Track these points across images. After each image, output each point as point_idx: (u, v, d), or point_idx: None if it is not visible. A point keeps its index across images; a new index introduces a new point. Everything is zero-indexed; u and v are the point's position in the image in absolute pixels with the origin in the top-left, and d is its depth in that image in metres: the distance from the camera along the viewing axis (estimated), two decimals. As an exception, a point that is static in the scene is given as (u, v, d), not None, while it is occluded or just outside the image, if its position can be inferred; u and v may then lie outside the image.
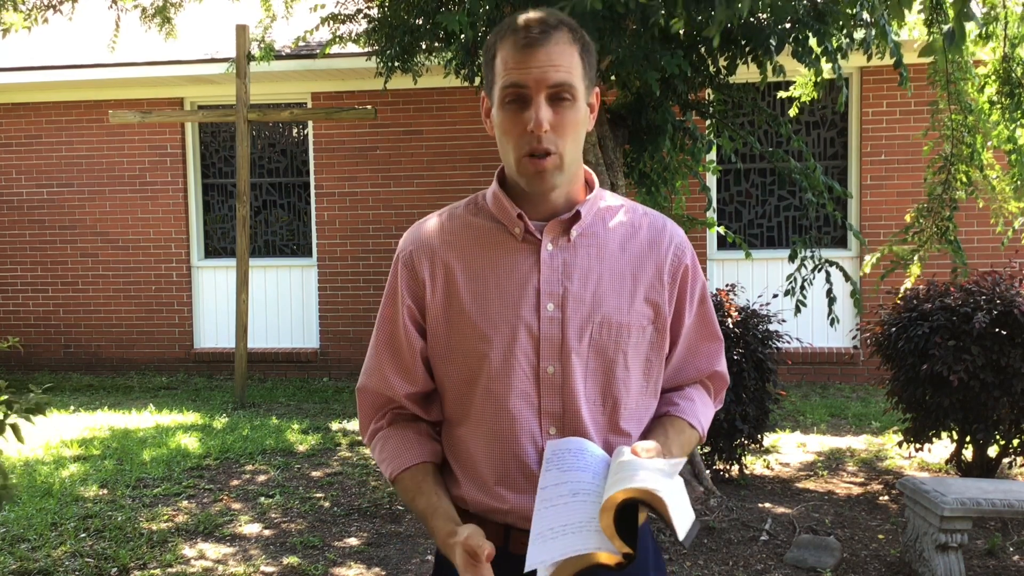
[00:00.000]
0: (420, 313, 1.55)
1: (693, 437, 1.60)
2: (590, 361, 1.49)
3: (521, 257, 1.51)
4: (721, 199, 8.62)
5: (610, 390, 1.50)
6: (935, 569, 3.78)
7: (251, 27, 7.82)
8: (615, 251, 1.53)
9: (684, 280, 1.56)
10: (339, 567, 4.14)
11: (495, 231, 1.53)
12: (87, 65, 8.87)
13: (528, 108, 1.42)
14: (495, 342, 1.48)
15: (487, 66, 1.49)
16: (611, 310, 1.50)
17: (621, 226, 1.56)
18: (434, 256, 1.54)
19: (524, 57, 1.42)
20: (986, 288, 4.78)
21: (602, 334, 1.49)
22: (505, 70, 1.44)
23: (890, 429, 6.13)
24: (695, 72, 4.86)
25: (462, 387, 1.52)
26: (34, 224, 9.54)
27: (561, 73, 1.42)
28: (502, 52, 1.45)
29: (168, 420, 7.07)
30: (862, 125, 8.25)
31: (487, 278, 1.51)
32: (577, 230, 1.52)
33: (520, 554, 1.42)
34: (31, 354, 9.53)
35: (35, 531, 4.53)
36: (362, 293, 9.03)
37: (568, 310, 1.48)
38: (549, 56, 1.42)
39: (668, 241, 1.56)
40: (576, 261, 1.51)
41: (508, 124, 1.45)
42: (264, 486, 5.32)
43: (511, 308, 1.49)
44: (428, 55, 5.91)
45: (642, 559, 1.55)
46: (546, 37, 1.42)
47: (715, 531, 4.43)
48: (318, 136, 9.03)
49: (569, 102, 1.44)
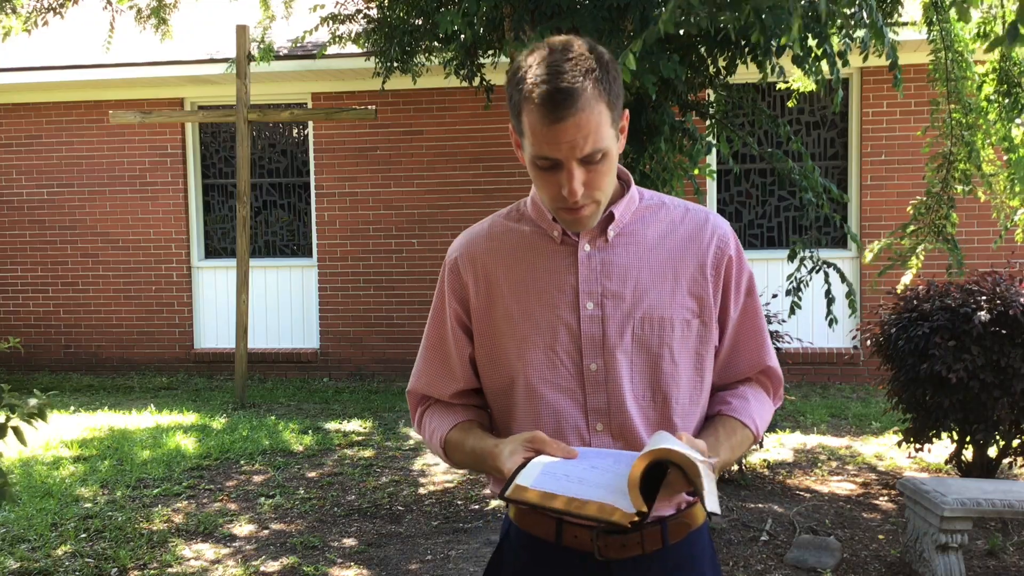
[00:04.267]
0: (466, 316, 1.59)
1: (747, 437, 1.58)
2: (635, 357, 1.50)
3: (559, 259, 1.54)
4: (721, 199, 8.62)
5: (659, 385, 1.51)
6: (935, 569, 3.78)
7: (251, 27, 7.83)
8: (654, 247, 1.54)
9: (728, 271, 1.56)
10: (338, 567, 4.14)
11: (535, 235, 1.57)
12: (87, 65, 8.87)
13: (561, 171, 1.41)
14: (537, 342, 1.51)
15: (512, 108, 1.45)
16: (652, 305, 1.51)
17: (660, 222, 1.57)
18: (476, 261, 1.58)
19: (552, 133, 1.38)
20: (986, 288, 4.77)
21: (644, 329, 1.50)
22: (534, 139, 1.41)
23: (890, 429, 6.12)
24: (695, 72, 4.86)
25: (507, 388, 1.56)
26: (34, 224, 9.54)
27: (590, 142, 1.39)
28: (528, 117, 1.41)
29: (168, 420, 7.07)
30: (862, 125, 8.24)
31: (527, 280, 1.54)
32: (614, 230, 1.54)
33: (573, 547, 1.48)
34: (31, 354, 9.54)
35: (35, 531, 4.53)
36: (362, 293, 9.03)
37: (607, 308, 1.50)
38: (578, 127, 1.37)
39: (710, 233, 1.56)
40: (614, 260, 1.53)
41: (542, 182, 1.46)
42: (264, 486, 5.32)
43: (550, 308, 1.52)
44: (428, 55, 5.92)
45: (699, 556, 1.58)
46: (572, 108, 1.36)
47: (715, 531, 4.43)
48: (318, 136, 9.03)
49: (603, 157, 1.43)
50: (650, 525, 1.50)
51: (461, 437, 1.56)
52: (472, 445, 1.53)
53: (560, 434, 1.50)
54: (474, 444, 1.53)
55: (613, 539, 1.50)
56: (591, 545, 1.48)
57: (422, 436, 1.68)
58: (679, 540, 1.55)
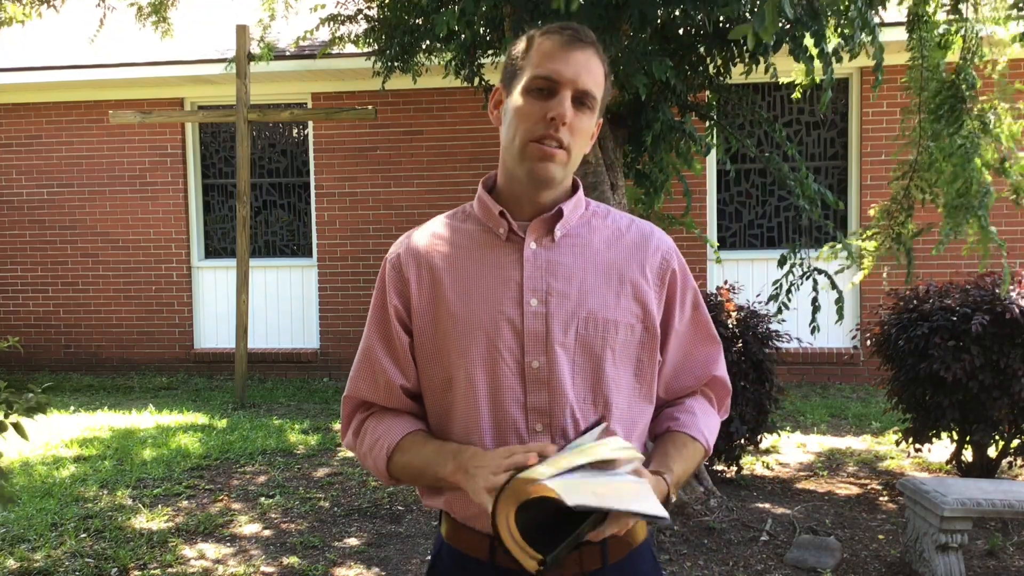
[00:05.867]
0: (407, 313, 1.55)
1: (697, 450, 1.57)
2: (577, 356, 1.48)
3: (504, 255, 1.52)
4: (721, 199, 8.63)
5: (600, 388, 1.49)
6: (935, 569, 3.78)
7: (251, 27, 7.83)
8: (600, 251, 1.54)
9: (672, 284, 1.57)
10: (339, 567, 4.14)
11: (480, 233, 1.55)
12: (87, 65, 8.87)
13: (552, 100, 1.46)
14: (478, 337, 1.47)
15: (516, 58, 1.53)
16: (597, 306, 1.49)
17: (606, 229, 1.57)
18: (420, 259, 1.55)
19: (566, 54, 1.46)
20: (985, 289, 4.78)
21: (588, 329, 1.48)
22: (541, 61, 1.47)
23: (890, 429, 6.12)
24: (694, 73, 4.86)
25: (446, 385, 1.51)
26: (34, 224, 9.54)
27: (592, 81, 1.48)
28: (541, 45, 1.49)
29: (168, 420, 7.07)
30: (862, 125, 8.25)
31: (471, 276, 1.51)
32: (561, 230, 1.53)
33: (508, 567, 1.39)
34: (31, 354, 9.54)
35: (35, 531, 4.53)
36: (362, 293, 9.03)
37: (552, 305, 1.48)
38: (588, 62, 1.47)
39: (655, 246, 1.57)
40: (560, 260, 1.51)
41: (527, 108, 1.47)
42: (264, 486, 5.32)
43: (493, 304, 1.49)
44: (427, 55, 5.92)
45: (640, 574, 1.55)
46: (587, 45, 1.49)
47: (715, 531, 4.43)
48: (318, 136, 9.03)
49: (588, 111, 1.49)
50: (589, 544, 1.42)
51: (414, 447, 1.50)
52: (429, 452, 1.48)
53: (500, 434, 1.47)
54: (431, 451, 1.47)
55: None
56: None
57: (355, 446, 1.60)
58: (620, 559, 1.51)
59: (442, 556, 1.58)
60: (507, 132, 1.51)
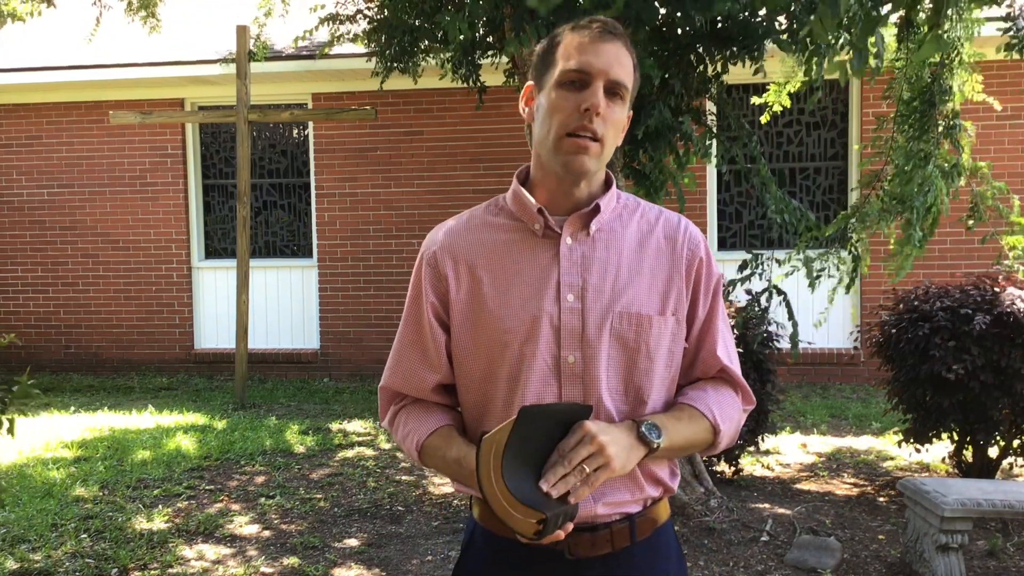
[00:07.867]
0: (444, 310, 1.58)
1: (699, 422, 1.55)
2: (611, 351, 1.51)
3: (541, 251, 1.55)
4: (721, 199, 8.63)
5: (632, 380, 1.52)
6: (936, 570, 3.77)
7: (251, 27, 7.83)
8: (632, 246, 1.57)
9: (699, 273, 1.59)
10: (339, 568, 4.14)
11: (516, 228, 1.58)
12: (87, 66, 8.87)
13: (585, 91, 1.48)
14: (517, 333, 1.51)
15: (546, 53, 1.55)
16: (631, 301, 1.52)
17: (637, 223, 1.60)
18: (457, 255, 1.58)
19: (596, 47, 1.49)
20: (986, 289, 4.78)
21: (623, 324, 1.52)
22: (573, 54, 1.50)
23: (891, 430, 6.12)
24: (693, 72, 4.86)
25: (484, 380, 1.55)
26: (35, 225, 9.55)
27: (624, 72, 1.51)
28: (571, 40, 1.51)
29: (168, 421, 7.07)
30: (862, 125, 8.24)
31: (509, 273, 1.54)
32: (596, 225, 1.56)
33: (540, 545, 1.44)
34: (31, 355, 9.54)
35: (35, 532, 4.53)
36: (363, 294, 9.03)
37: (588, 300, 1.52)
38: (618, 53, 1.50)
39: (683, 235, 1.60)
40: (595, 255, 1.54)
41: (561, 102, 1.49)
42: (264, 487, 5.32)
43: (532, 300, 1.52)
44: (427, 55, 5.92)
45: (666, 551, 1.60)
46: (618, 37, 1.51)
47: (715, 532, 4.43)
48: (318, 137, 9.03)
49: (620, 101, 1.52)
50: (619, 522, 1.53)
51: (441, 444, 1.55)
52: (455, 455, 1.52)
53: None
54: (458, 454, 1.51)
55: (583, 537, 1.50)
56: (560, 544, 1.47)
57: (394, 436, 1.67)
58: (647, 536, 1.57)
59: (475, 538, 1.63)
60: (541, 126, 1.53)
